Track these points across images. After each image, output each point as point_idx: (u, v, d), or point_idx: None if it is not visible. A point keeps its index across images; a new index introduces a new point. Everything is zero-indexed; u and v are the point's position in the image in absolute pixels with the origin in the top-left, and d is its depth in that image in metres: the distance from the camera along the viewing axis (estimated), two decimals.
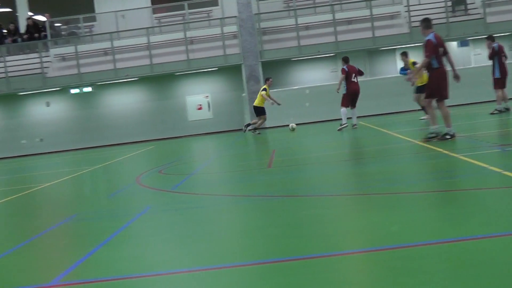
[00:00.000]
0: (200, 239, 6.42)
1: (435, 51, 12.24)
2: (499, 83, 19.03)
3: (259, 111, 22.90)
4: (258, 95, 22.85)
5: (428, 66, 12.36)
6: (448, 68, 12.53)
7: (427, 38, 12.38)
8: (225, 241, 6.24)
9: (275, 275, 4.83)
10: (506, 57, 19.65)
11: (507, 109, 18.68)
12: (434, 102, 12.51)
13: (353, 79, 19.56)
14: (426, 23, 12.67)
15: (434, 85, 12.39)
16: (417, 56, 28.34)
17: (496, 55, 19.19)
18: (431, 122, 12.62)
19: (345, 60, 20.01)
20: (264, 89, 22.48)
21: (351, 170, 10.55)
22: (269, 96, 22.46)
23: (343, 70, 19.74)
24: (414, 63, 18.82)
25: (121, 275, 5.27)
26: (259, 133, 23.15)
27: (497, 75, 19.11)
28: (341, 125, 19.49)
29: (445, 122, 12.29)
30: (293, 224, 6.62)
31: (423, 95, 16.73)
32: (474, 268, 4.41)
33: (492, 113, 18.45)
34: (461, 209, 6.48)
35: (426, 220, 6.15)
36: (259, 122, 23.20)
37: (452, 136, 12.29)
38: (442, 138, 12.31)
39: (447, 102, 12.51)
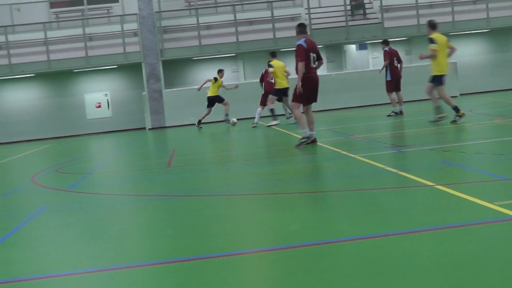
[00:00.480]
0: (96, 240, 6.26)
1: (305, 56, 12.38)
2: (390, 86, 19.59)
3: (214, 101, 22.78)
4: (212, 87, 22.75)
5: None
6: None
7: (298, 43, 12.58)
8: (122, 242, 6.11)
9: (173, 275, 4.76)
10: (400, 61, 20.18)
11: (401, 112, 19.17)
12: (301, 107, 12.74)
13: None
14: (300, 28, 12.97)
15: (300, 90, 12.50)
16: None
17: (388, 59, 19.75)
18: (300, 127, 12.78)
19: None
20: (216, 79, 22.54)
21: (251, 170, 10.56)
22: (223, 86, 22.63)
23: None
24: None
25: (14, 277, 5.06)
26: (200, 127, 22.89)
27: (388, 78, 19.69)
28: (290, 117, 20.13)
29: (308, 126, 12.54)
30: (191, 224, 6.57)
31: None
32: (371, 265, 4.47)
33: (388, 115, 18.95)
34: (359, 209, 6.58)
35: (325, 219, 6.21)
36: (204, 114, 22.98)
37: (311, 139, 12.52)
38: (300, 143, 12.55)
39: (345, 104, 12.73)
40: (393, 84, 19.64)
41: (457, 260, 4.45)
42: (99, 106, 29.21)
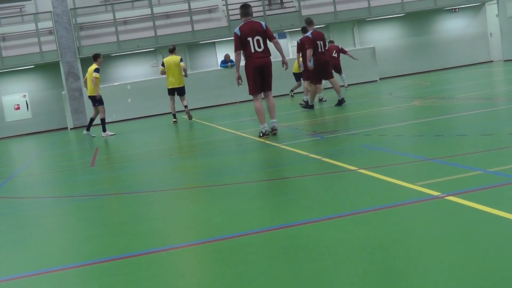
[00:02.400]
0: (21, 245, 6.11)
1: (238, 43, 11.91)
2: (308, 75, 19.21)
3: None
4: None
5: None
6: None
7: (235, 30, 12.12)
8: (47, 245, 5.97)
9: (101, 275, 4.68)
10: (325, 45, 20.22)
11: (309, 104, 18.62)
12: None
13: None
14: (243, 9, 12.37)
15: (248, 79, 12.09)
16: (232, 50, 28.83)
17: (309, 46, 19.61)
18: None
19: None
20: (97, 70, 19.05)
21: (176, 165, 10.50)
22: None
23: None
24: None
25: None
26: (94, 136, 19.33)
27: (312, 65, 19.53)
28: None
29: (269, 114, 12.15)
30: (117, 223, 6.49)
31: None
32: (297, 253, 4.50)
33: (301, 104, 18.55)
34: (284, 197, 6.62)
35: (250, 209, 6.22)
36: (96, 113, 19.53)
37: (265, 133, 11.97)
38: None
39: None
40: (317, 73, 18.59)
41: (383, 242, 4.52)
42: (18, 108, 28.52)
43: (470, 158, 7.37)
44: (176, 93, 19.96)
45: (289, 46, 29.94)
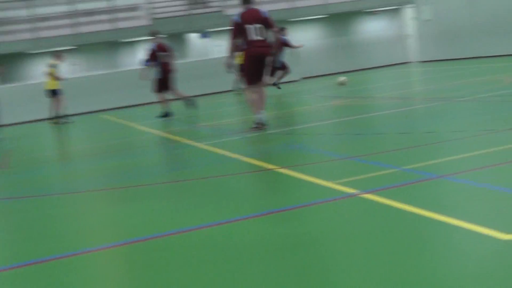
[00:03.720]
0: None
1: (236, 31, 11.27)
2: (159, 86, 17.39)
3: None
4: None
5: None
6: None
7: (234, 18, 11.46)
8: None
9: (15, 281, 4.53)
10: (169, 55, 17.80)
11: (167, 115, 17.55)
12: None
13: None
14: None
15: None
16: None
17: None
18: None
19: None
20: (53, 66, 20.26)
21: (93, 166, 10.30)
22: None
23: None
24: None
25: None
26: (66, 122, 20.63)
27: (158, 75, 17.36)
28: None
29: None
30: (31, 226, 6.29)
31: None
32: (217, 253, 4.46)
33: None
34: (204, 197, 6.57)
35: (170, 210, 6.15)
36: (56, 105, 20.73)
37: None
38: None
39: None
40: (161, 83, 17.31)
41: (302, 240, 4.53)
42: None
43: (387, 156, 7.49)
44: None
45: (213, 45, 29.87)
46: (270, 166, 7.51)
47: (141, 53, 28.33)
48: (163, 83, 17.18)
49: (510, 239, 3.89)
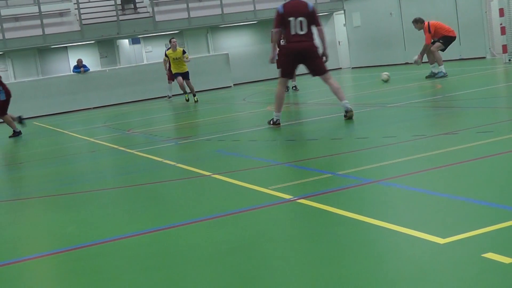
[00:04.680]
0: None
1: (278, 23, 10.77)
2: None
3: None
4: None
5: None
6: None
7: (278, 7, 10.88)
8: None
9: None
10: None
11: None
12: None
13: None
14: None
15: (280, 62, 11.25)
16: (84, 55, 28.24)
17: None
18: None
19: None
20: None
21: (26, 173, 10.13)
22: None
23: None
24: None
25: None
26: None
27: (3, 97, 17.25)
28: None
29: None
30: None
31: None
32: (151, 260, 4.46)
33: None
34: (137, 204, 6.54)
35: (102, 218, 6.10)
36: None
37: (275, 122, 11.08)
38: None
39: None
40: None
41: (236, 246, 4.56)
42: None
43: (321, 161, 7.59)
44: None
45: (143, 51, 29.71)
46: (205, 173, 7.53)
47: (72, 59, 27.96)
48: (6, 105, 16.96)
49: (445, 243, 4.01)
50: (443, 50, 17.12)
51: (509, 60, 19.37)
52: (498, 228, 4.16)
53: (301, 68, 11.77)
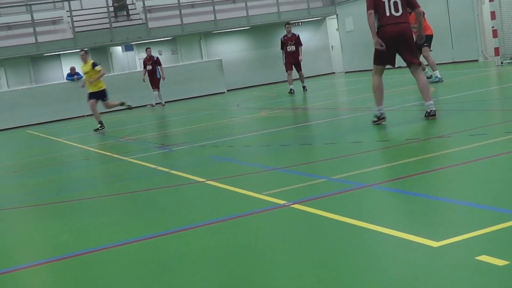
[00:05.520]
0: None
1: (371, 4, 9.92)
2: None
3: None
4: None
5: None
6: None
7: None
8: None
9: None
10: None
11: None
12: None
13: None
14: None
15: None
16: (77, 62, 28.24)
17: None
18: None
19: None
20: None
21: (20, 182, 10.10)
22: None
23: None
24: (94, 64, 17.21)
25: None
26: None
27: None
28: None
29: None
30: None
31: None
32: (147, 267, 4.45)
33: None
34: (132, 211, 6.54)
35: (97, 225, 6.09)
36: None
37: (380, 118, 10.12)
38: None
39: None
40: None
41: (231, 251, 4.57)
42: None
43: (315, 166, 7.60)
44: None
45: (137, 58, 29.70)
46: (199, 179, 7.53)
47: (66, 67, 27.92)
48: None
49: (438, 246, 4.01)
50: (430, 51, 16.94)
51: (501, 62, 19.43)
52: (492, 231, 4.17)
53: (270, 77, 11.75)
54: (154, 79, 23.34)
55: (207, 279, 4.08)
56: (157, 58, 23.47)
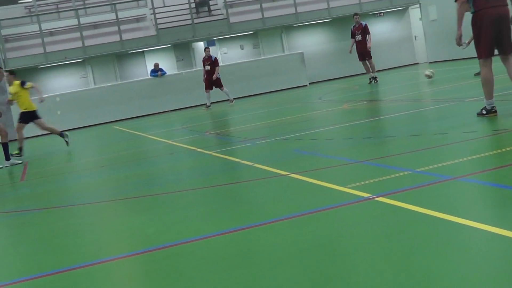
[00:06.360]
0: None
1: None
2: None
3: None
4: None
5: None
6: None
7: None
8: None
9: None
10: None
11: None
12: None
13: None
14: None
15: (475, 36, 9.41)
16: (161, 58, 28.71)
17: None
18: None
19: None
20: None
21: (109, 176, 10.37)
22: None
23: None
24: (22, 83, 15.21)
25: None
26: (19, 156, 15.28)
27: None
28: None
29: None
30: (49, 238, 6.36)
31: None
32: (232, 260, 4.50)
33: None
34: (216, 205, 6.62)
35: (184, 218, 6.19)
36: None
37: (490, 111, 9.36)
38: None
39: None
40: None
41: (316, 244, 4.57)
42: None
43: (399, 159, 7.51)
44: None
45: (219, 53, 29.98)
46: (282, 172, 7.55)
47: (149, 63, 28.45)
48: None
49: None
50: None
51: None
52: None
53: (352, 69, 11.63)
54: (209, 79, 23.13)
55: (291, 272, 4.09)
56: (215, 58, 23.35)
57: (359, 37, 22.13)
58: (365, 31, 21.96)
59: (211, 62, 22.81)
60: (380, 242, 4.45)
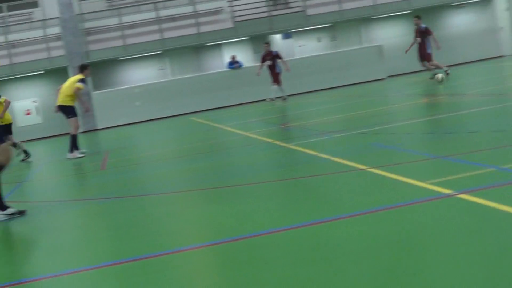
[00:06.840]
0: (36, 248, 6.12)
1: None
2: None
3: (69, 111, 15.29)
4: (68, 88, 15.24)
5: None
6: None
7: None
8: (61, 248, 5.97)
9: (115, 278, 4.68)
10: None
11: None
12: None
13: None
14: None
15: None
16: (238, 51, 28.81)
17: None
18: None
19: None
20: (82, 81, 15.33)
21: (186, 166, 10.49)
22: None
23: None
24: None
25: None
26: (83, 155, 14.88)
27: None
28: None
29: None
30: (129, 225, 6.49)
31: None
32: (308, 253, 4.49)
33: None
34: (293, 197, 6.61)
35: (262, 210, 6.21)
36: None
37: None
38: None
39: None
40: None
41: (395, 240, 4.50)
42: (29, 113, 28.58)
43: (482, 155, 7.31)
44: None
45: (295, 46, 29.88)
46: (360, 166, 7.47)
47: (226, 56, 28.63)
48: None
49: None
50: None
51: None
52: None
53: (415, 65, 11.37)
54: (274, 74, 23.07)
55: (369, 267, 4.04)
56: (277, 52, 23.24)
57: (418, 40, 21.80)
58: (425, 32, 21.65)
59: (272, 57, 22.85)
60: (461, 240, 4.35)
